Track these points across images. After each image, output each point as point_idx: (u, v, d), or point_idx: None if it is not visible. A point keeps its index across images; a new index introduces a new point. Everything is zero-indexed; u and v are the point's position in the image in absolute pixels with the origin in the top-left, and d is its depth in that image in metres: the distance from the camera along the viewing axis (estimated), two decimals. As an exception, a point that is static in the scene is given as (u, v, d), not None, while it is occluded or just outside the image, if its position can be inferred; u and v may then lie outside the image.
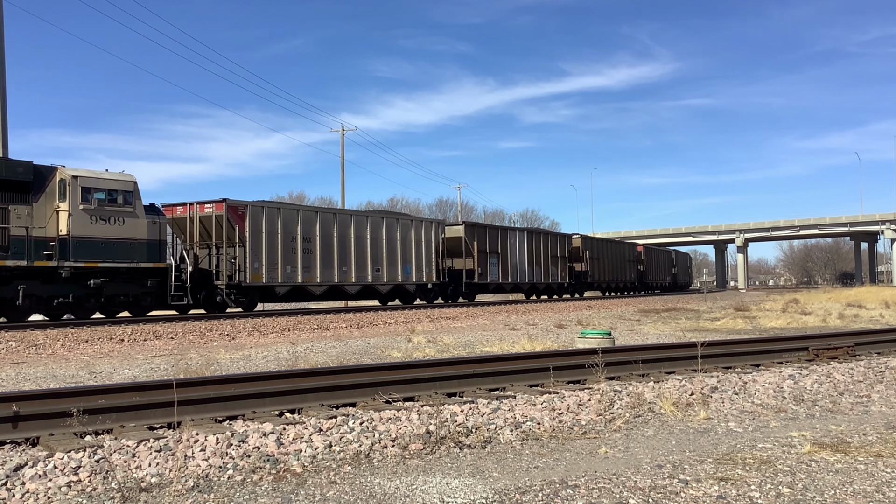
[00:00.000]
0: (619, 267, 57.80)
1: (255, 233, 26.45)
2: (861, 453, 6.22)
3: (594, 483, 5.43)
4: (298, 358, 13.45)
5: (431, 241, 34.64)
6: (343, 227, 29.99)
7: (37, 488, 5.20)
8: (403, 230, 32.99)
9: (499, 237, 40.73)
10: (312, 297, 29.93)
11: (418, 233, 33.84)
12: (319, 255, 28.75)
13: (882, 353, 12.77)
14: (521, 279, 42.59)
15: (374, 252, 31.31)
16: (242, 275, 26.14)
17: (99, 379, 11.16)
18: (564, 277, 47.61)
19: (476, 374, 9.11)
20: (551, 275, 45.90)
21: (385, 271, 31.82)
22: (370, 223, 31.38)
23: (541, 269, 44.64)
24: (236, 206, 26.23)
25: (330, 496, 5.22)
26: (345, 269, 29.85)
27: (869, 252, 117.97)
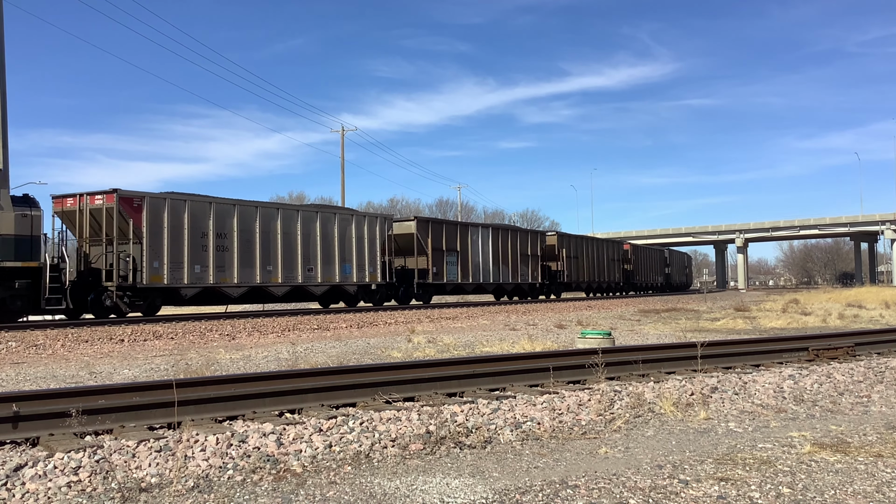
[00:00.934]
0: (603, 266, 55.10)
1: (155, 228, 23.70)
2: (861, 453, 6.22)
3: (594, 483, 5.43)
4: (298, 358, 13.45)
5: (376, 237, 31.90)
6: (267, 222, 27.33)
7: (37, 488, 5.20)
8: (342, 226, 30.32)
9: (458, 234, 37.75)
10: (229, 299, 26.82)
11: (360, 228, 31.14)
12: (238, 253, 26.08)
13: (882, 354, 12.77)
14: (484, 279, 39.69)
15: (306, 250, 28.67)
16: (139, 275, 23.29)
17: (99, 379, 11.16)
18: (537, 277, 44.62)
19: (476, 375, 9.11)
20: (521, 274, 42.90)
21: (319, 271, 29.21)
22: (301, 218, 28.67)
23: (509, 269, 41.73)
24: (130, 197, 23.35)
25: (330, 496, 5.22)
26: (269, 268, 27.29)
27: (869, 252, 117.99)
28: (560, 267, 47.84)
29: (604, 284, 55.88)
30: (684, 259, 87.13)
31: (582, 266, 50.90)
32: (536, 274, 44.56)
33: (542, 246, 45.59)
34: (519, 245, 42.81)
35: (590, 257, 52.52)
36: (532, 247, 44.26)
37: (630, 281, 61.54)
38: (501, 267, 41.05)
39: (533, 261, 44.24)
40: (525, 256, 43.40)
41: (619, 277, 58.55)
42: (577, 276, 50.19)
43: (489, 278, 40.09)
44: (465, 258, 37.85)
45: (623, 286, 60.30)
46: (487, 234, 40.42)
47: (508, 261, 41.65)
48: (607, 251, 56.55)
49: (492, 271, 40.24)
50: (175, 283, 24.25)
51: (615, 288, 59.05)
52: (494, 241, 40.58)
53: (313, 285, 29.21)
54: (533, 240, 44.81)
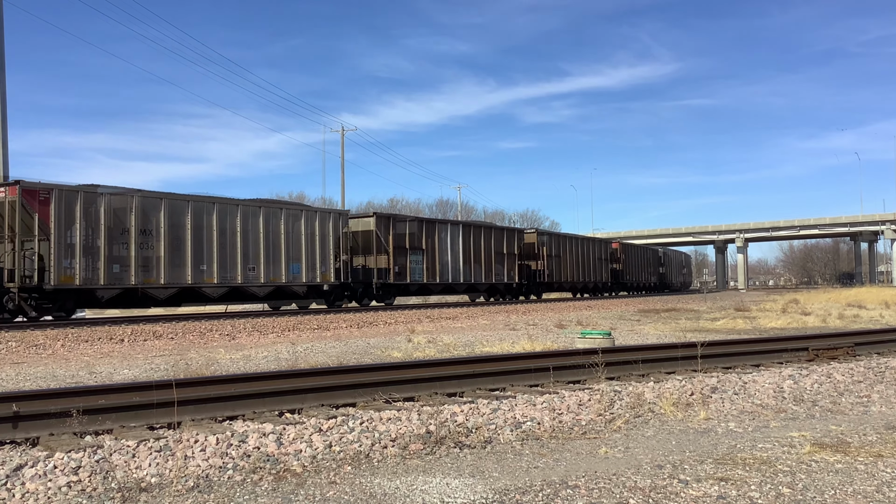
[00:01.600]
0: (588, 266, 52.63)
1: (65, 223, 21.47)
2: (861, 453, 6.22)
3: (594, 483, 5.43)
4: (298, 358, 13.46)
5: (329, 234, 29.86)
6: (201, 218, 25.15)
7: (37, 488, 5.20)
8: (290, 222, 28.37)
9: (423, 231, 35.24)
10: (155, 301, 24.43)
11: (310, 225, 29.13)
12: (165, 251, 23.87)
13: (882, 354, 12.77)
14: (454, 279, 37.15)
15: (247, 248, 26.62)
16: (47, 275, 21.07)
17: (99, 379, 11.17)
18: (514, 277, 42.19)
19: (476, 374, 9.11)
20: (496, 274, 40.53)
21: (262, 271, 27.17)
22: (242, 213, 26.57)
23: (482, 268, 39.37)
24: (35, 189, 20.96)
25: (330, 496, 5.22)
26: (203, 267, 25.09)
27: (869, 252, 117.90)
28: (540, 266, 45.55)
29: (590, 284, 53.94)
30: (681, 258, 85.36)
31: (565, 265, 48.71)
32: (513, 273, 42.39)
33: (520, 244, 43.45)
34: (494, 243, 40.68)
35: (574, 256, 50.21)
36: (509, 245, 42.11)
37: (619, 280, 59.49)
38: (473, 266, 38.88)
39: (510, 260, 42.13)
40: (501, 255, 41.26)
41: (606, 277, 56.44)
42: (560, 275, 48.05)
43: (459, 278, 37.76)
44: (431, 257, 35.60)
45: (611, 286, 58.35)
46: (458, 231, 38.25)
47: (482, 260, 39.52)
48: (593, 250, 54.38)
49: (462, 271, 37.94)
50: (89, 284, 22.05)
51: (603, 288, 57.15)
52: (466, 240, 38.38)
53: (255, 286, 27.19)
54: (510, 238, 42.57)
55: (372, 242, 32.77)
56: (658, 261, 71.82)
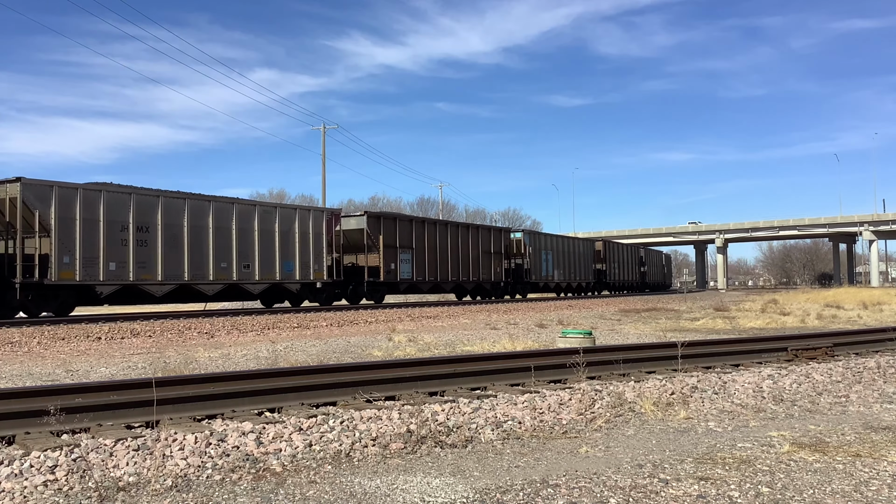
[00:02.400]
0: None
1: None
2: (839, 453, 6.26)
3: (575, 482, 5.43)
4: (278, 356, 13.39)
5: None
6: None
7: (12, 487, 5.13)
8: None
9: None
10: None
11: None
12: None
13: (860, 354, 12.87)
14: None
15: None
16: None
17: (76, 377, 11.06)
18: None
19: (457, 374, 9.09)
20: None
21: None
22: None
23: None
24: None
25: (310, 496, 5.19)
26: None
27: (847, 253, 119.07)
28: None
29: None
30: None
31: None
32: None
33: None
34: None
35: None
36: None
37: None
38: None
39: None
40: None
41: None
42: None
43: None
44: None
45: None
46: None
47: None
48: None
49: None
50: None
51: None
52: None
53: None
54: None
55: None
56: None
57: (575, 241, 55.40)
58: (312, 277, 29.74)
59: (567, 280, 51.81)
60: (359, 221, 33.13)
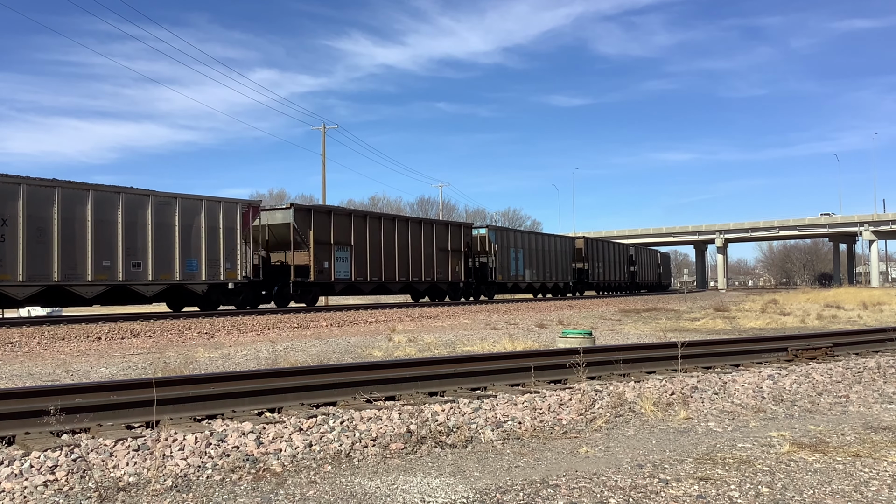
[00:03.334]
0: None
1: None
2: (839, 453, 6.26)
3: (575, 482, 5.43)
4: (278, 357, 13.39)
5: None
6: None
7: (13, 487, 5.13)
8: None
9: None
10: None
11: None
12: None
13: (860, 354, 12.87)
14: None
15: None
16: None
17: (76, 377, 11.06)
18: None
19: (457, 374, 9.09)
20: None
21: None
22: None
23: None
24: None
25: (310, 496, 5.19)
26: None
27: (847, 253, 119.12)
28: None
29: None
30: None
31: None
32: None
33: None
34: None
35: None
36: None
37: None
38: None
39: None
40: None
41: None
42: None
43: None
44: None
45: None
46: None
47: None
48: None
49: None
50: None
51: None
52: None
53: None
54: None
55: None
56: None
57: (551, 238, 51.33)
58: (223, 277, 26.18)
59: (542, 280, 47.88)
60: (285, 215, 29.65)
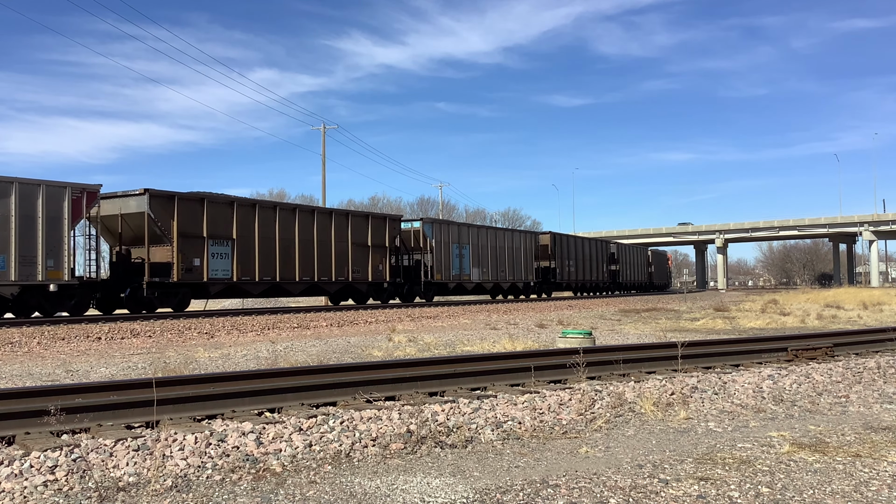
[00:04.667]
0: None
1: None
2: (839, 453, 6.26)
3: (575, 482, 5.43)
4: (278, 357, 13.39)
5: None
6: None
7: (12, 487, 5.13)
8: None
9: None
10: None
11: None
12: None
13: (860, 354, 12.87)
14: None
15: None
16: None
17: (76, 377, 11.06)
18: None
19: (457, 374, 9.09)
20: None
21: None
22: None
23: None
24: None
25: (310, 496, 5.19)
26: None
27: (847, 253, 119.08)
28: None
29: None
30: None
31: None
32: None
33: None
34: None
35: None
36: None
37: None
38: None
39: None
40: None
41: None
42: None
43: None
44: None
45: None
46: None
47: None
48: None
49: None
50: None
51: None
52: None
53: None
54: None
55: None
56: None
57: (508, 233, 45.72)
58: (43, 278, 21.36)
59: (495, 279, 42.58)
60: (139, 202, 24.33)
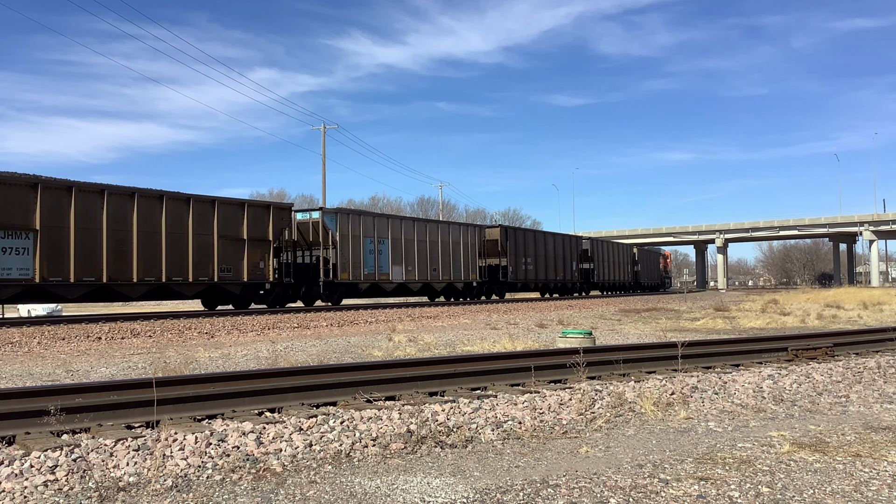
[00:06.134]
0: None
1: None
2: (839, 453, 6.26)
3: (575, 482, 5.43)
4: (278, 356, 13.39)
5: None
6: None
7: (13, 487, 5.13)
8: None
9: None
10: None
11: None
12: None
13: (860, 354, 12.87)
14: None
15: None
16: None
17: (76, 377, 11.06)
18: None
19: (457, 374, 9.09)
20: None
21: None
22: None
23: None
24: None
25: (310, 496, 5.19)
26: None
27: (847, 253, 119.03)
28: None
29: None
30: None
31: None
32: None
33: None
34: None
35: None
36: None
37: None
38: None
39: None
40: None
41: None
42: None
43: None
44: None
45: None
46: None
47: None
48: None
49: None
50: None
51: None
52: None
53: None
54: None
55: None
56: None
57: (444, 227, 39.17)
58: None
59: (425, 279, 36.36)
60: None
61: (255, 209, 28.31)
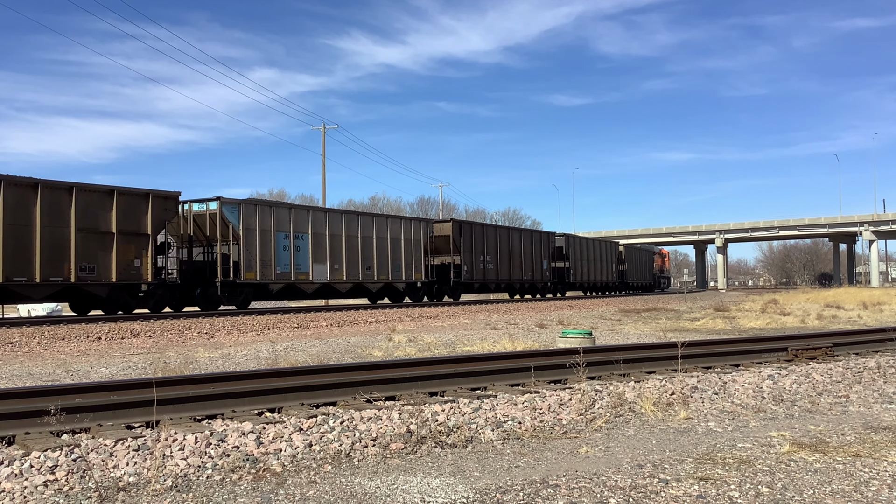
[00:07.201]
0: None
1: None
2: (839, 453, 6.26)
3: (575, 482, 5.43)
4: (278, 357, 13.39)
5: None
6: None
7: (13, 487, 5.13)
8: None
9: None
10: None
11: None
12: None
13: (860, 354, 12.87)
14: None
15: None
16: None
17: (76, 377, 11.06)
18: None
19: (457, 374, 9.09)
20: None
21: None
22: None
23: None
24: None
25: (310, 496, 5.19)
26: None
27: (847, 253, 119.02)
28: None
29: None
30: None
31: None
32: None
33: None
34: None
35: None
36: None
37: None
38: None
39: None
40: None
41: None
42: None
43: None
44: None
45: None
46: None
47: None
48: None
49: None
50: None
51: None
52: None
53: None
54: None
55: None
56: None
57: (382, 220, 35.08)
58: None
59: (355, 279, 32.47)
60: None
61: (127, 198, 23.95)
